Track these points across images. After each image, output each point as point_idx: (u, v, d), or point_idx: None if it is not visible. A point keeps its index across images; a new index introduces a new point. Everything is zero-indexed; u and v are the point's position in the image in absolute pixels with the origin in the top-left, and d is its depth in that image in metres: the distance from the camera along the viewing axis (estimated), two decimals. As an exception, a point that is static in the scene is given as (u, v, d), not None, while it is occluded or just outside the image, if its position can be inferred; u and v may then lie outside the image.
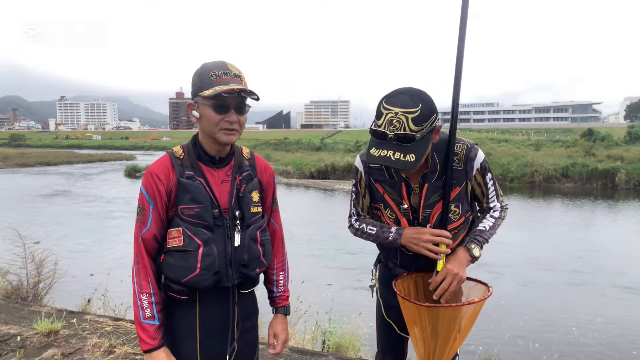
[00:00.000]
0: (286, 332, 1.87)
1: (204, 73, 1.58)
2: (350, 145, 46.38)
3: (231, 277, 1.64)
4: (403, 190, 1.77)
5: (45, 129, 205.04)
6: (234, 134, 1.62)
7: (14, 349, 3.44)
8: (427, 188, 1.75)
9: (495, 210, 1.83)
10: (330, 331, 4.40)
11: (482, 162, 1.76)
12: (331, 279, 8.62)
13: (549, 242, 12.51)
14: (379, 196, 1.84)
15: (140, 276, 1.60)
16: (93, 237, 12.64)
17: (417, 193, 1.77)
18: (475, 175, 1.77)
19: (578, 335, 6.46)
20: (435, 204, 1.75)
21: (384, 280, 2.01)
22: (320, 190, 24.38)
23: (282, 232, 1.91)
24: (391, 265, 1.95)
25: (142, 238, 1.60)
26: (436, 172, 1.74)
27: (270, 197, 1.83)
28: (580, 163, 26.43)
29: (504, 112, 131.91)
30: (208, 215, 1.60)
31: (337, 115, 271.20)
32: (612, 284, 8.88)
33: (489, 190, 1.81)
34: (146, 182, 1.61)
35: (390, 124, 1.56)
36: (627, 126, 48.88)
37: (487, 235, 1.78)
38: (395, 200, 1.80)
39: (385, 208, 1.83)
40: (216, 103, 1.57)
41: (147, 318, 1.58)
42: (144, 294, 1.59)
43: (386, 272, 2.02)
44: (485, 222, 1.81)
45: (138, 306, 1.58)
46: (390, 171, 1.80)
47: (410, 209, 1.77)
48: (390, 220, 1.83)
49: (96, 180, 29.12)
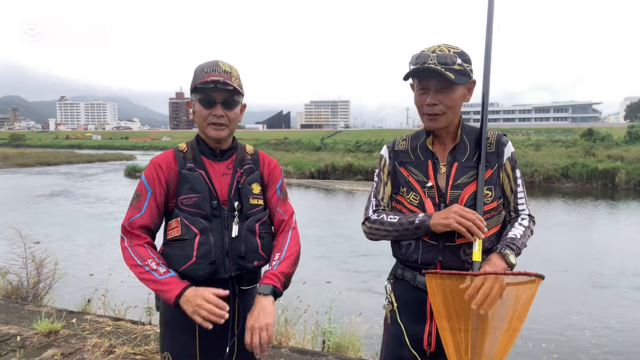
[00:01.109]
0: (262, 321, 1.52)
1: (197, 71, 1.65)
2: (350, 145, 46.37)
3: (228, 269, 1.64)
4: (429, 168, 1.66)
5: (45, 129, 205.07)
6: (222, 129, 1.66)
7: (14, 349, 3.44)
8: (457, 167, 1.64)
9: (523, 218, 1.67)
10: (330, 331, 4.39)
11: (513, 153, 1.70)
12: (331, 278, 8.62)
13: (548, 242, 12.51)
14: (403, 180, 1.70)
15: (135, 249, 1.59)
16: (93, 237, 12.64)
17: (443, 173, 1.65)
18: (506, 164, 1.67)
19: (578, 336, 6.46)
20: (464, 185, 1.61)
21: (404, 299, 1.69)
22: (321, 190, 24.37)
23: (291, 221, 1.79)
24: (409, 275, 1.67)
25: (133, 220, 1.62)
26: (466, 153, 1.66)
27: (274, 188, 1.82)
28: (580, 163, 26.44)
29: (504, 112, 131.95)
30: (206, 204, 1.62)
31: (337, 115, 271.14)
32: (613, 284, 8.89)
33: (518, 187, 1.68)
34: (148, 171, 1.67)
35: (432, 51, 1.57)
36: (627, 126, 48.87)
37: (519, 244, 1.56)
38: (420, 181, 1.66)
39: (409, 192, 1.67)
40: (203, 98, 1.64)
41: (163, 273, 1.54)
42: (147, 259, 1.57)
43: (404, 289, 1.70)
44: (516, 230, 1.61)
45: (148, 271, 1.54)
46: (416, 152, 1.72)
47: (437, 191, 1.63)
48: (413, 206, 1.65)
49: (96, 180, 29.11)
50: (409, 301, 1.67)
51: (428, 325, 1.63)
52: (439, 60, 1.54)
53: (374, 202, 1.75)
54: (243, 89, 1.72)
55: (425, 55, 1.57)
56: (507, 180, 1.68)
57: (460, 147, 1.68)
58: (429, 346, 1.63)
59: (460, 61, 1.56)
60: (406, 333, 1.65)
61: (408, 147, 1.76)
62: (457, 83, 1.56)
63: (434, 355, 1.62)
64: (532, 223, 1.67)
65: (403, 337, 1.65)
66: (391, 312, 1.72)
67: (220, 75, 1.61)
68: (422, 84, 1.62)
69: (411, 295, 1.66)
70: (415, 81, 1.65)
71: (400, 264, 1.74)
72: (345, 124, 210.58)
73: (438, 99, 1.59)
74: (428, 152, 1.70)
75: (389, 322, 1.74)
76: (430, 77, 1.58)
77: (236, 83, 1.65)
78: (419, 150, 1.72)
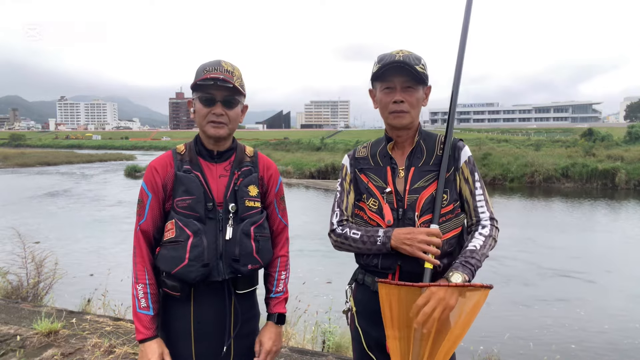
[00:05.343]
0: (273, 341, 1.75)
1: (199, 69, 1.65)
2: (350, 145, 46.39)
3: (222, 272, 1.63)
4: (388, 174, 1.70)
5: (45, 129, 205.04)
6: (221, 128, 1.65)
7: (14, 349, 3.44)
8: (414, 172, 1.67)
9: (484, 225, 1.63)
10: (330, 331, 4.39)
11: (470, 157, 1.71)
12: (331, 278, 8.61)
13: (549, 241, 12.50)
14: (364, 187, 1.73)
15: (137, 267, 1.64)
16: (93, 237, 12.64)
17: (402, 177, 1.68)
18: (463, 167, 1.68)
19: (578, 336, 6.45)
20: (422, 189, 1.63)
21: (363, 304, 1.73)
22: (320, 190, 24.37)
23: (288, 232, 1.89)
24: (369, 280, 1.70)
25: (139, 229, 1.65)
26: (423, 157, 1.69)
27: (274, 194, 1.82)
28: (580, 163, 26.42)
29: (504, 112, 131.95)
30: (200, 206, 1.62)
31: (337, 115, 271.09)
32: (614, 284, 8.88)
33: (477, 190, 1.67)
34: (146, 176, 1.68)
35: (396, 53, 1.65)
36: (627, 126, 48.85)
37: (479, 256, 1.54)
38: (379, 187, 1.69)
39: (368, 198, 1.70)
40: (203, 96, 1.64)
41: (142, 308, 1.61)
42: (139, 284, 1.62)
43: (365, 293, 1.73)
44: (475, 241, 1.58)
45: (134, 296, 1.62)
46: (376, 158, 1.76)
47: (395, 196, 1.66)
48: (372, 212, 1.68)
49: (96, 180, 29.11)
50: (369, 306, 1.68)
51: None
52: (404, 60, 1.61)
53: (338, 212, 1.79)
54: (245, 90, 1.71)
55: (390, 55, 1.64)
56: (465, 185, 1.69)
57: (417, 151, 1.71)
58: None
59: (422, 63, 1.65)
60: (365, 337, 1.69)
61: (368, 154, 1.80)
62: (422, 80, 1.64)
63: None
64: (494, 230, 1.64)
65: (361, 340, 1.70)
66: (352, 316, 1.75)
67: (221, 74, 1.60)
68: (387, 83, 1.66)
69: (371, 301, 1.66)
70: (378, 84, 1.70)
71: (361, 269, 1.77)
72: (345, 124, 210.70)
73: (403, 97, 1.64)
74: (387, 157, 1.74)
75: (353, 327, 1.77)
76: (397, 74, 1.63)
77: (237, 82, 1.64)
78: (379, 156, 1.76)
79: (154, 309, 1.62)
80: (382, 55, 1.66)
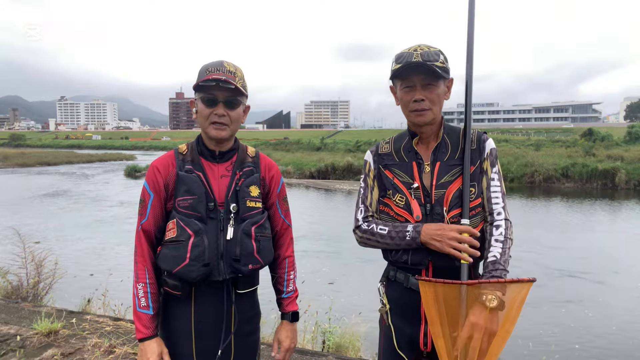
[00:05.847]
0: (291, 339, 1.82)
1: (201, 70, 1.65)
2: (350, 145, 46.39)
3: (222, 271, 1.63)
4: (414, 169, 1.68)
5: (45, 129, 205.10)
6: (224, 129, 1.66)
7: (14, 349, 3.44)
8: (439, 166, 1.66)
9: (497, 226, 1.60)
10: (330, 331, 4.40)
11: (493, 149, 1.69)
12: (331, 278, 8.61)
13: (551, 241, 12.50)
14: (389, 183, 1.71)
15: (137, 266, 1.65)
16: (93, 237, 12.63)
17: (428, 172, 1.67)
18: (486, 158, 1.67)
19: (579, 336, 6.45)
20: (448, 184, 1.63)
21: (395, 300, 1.72)
22: (321, 190, 24.37)
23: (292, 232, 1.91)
24: (401, 276, 1.69)
25: (141, 228, 1.66)
26: (448, 151, 1.68)
27: (276, 194, 1.83)
28: (580, 163, 26.40)
29: (504, 112, 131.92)
30: (201, 206, 1.62)
31: (337, 115, 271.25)
32: (624, 285, 8.88)
33: (492, 181, 1.65)
34: (148, 175, 1.68)
35: (414, 50, 1.62)
36: (627, 126, 48.85)
37: (502, 266, 1.52)
38: (405, 182, 1.68)
39: (395, 194, 1.69)
40: (205, 97, 1.64)
41: (142, 307, 1.62)
42: (140, 283, 1.63)
43: (397, 290, 1.73)
44: (494, 250, 1.56)
45: (134, 295, 1.63)
46: (400, 154, 1.74)
47: (422, 191, 1.65)
48: (399, 208, 1.67)
49: (96, 180, 29.10)
50: (403, 303, 1.69)
51: (423, 326, 1.64)
52: (423, 57, 1.59)
53: (363, 208, 1.77)
54: (247, 90, 1.71)
55: (408, 54, 1.62)
56: (483, 175, 1.67)
57: (442, 146, 1.70)
58: (425, 346, 1.64)
59: (442, 58, 1.62)
60: (397, 334, 1.68)
61: (392, 150, 1.78)
62: (443, 77, 1.62)
63: (431, 355, 1.63)
64: (508, 231, 1.60)
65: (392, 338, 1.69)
66: (385, 314, 1.74)
67: (224, 75, 1.60)
68: (407, 82, 1.64)
69: (404, 297, 1.68)
70: (398, 82, 1.68)
71: (392, 266, 1.76)
72: (345, 124, 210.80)
73: (424, 94, 1.63)
74: (412, 153, 1.72)
75: (385, 324, 1.75)
76: (416, 74, 1.61)
77: (239, 83, 1.64)
78: (403, 151, 1.74)
79: (153, 309, 1.63)
80: (400, 54, 1.64)
